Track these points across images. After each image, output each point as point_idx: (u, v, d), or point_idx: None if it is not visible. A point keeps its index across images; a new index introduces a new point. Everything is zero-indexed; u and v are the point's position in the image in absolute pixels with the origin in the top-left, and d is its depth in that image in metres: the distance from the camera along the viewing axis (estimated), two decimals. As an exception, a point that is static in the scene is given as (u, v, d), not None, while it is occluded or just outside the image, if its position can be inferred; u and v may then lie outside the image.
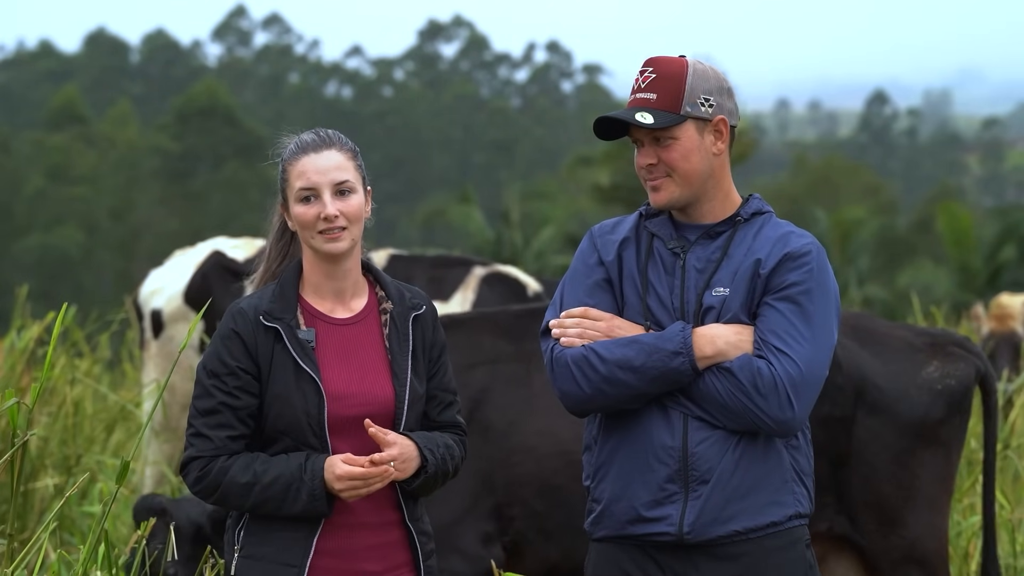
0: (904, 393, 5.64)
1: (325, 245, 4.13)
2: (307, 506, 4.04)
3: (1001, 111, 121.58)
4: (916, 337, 5.84)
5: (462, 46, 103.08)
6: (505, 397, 5.64)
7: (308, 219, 4.12)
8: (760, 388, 4.03)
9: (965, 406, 5.77)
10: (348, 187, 4.14)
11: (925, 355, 5.75)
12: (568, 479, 5.53)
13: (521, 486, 5.53)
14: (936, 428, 5.66)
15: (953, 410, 5.72)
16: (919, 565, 5.57)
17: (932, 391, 5.67)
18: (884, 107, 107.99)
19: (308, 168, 4.14)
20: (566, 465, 5.52)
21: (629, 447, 4.15)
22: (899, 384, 5.62)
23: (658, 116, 4.11)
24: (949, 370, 5.75)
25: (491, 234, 39.79)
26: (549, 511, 5.56)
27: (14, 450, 4.37)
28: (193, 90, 73.89)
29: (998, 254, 34.27)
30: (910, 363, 5.69)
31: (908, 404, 5.64)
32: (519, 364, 5.72)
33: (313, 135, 4.20)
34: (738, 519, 4.09)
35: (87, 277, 59.23)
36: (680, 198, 4.16)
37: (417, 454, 4.12)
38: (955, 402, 5.72)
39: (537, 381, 5.65)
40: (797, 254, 4.12)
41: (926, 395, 5.64)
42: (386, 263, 8.65)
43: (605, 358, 4.10)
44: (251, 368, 4.10)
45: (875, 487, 5.48)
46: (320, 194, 4.12)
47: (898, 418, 5.62)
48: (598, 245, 4.26)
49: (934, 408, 5.65)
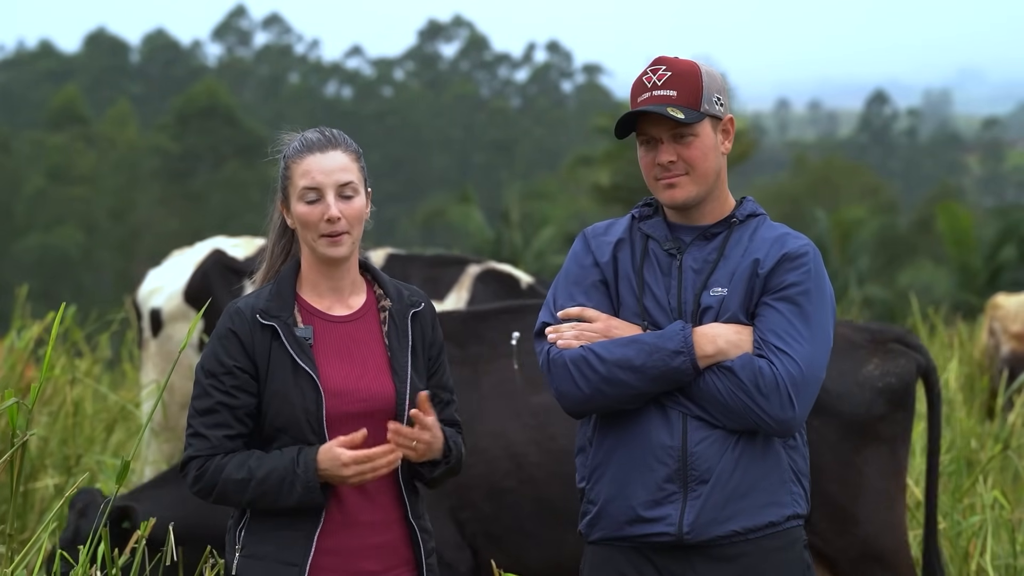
0: (845, 392, 5.64)
1: (326, 249, 4.13)
2: (302, 498, 4.04)
3: (1001, 111, 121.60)
4: (857, 334, 5.85)
5: (462, 46, 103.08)
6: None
7: (311, 219, 4.12)
8: (761, 387, 4.03)
9: (907, 402, 5.78)
10: (352, 189, 4.14)
11: (866, 352, 5.77)
12: (517, 482, 5.55)
13: (470, 489, 5.51)
14: (879, 425, 5.66)
15: (895, 406, 5.73)
16: (877, 561, 5.58)
17: (873, 388, 5.69)
18: (884, 107, 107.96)
19: (313, 167, 4.12)
20: (515, 468, 5.53)
21: (627, 447, 4.15)
22: (839, 383, 5.62)
23: (685, 112, 4.12)
24: (889, 367, 5.76)
25: (491, 234, 39.80)
26: (497, 514, 5.55)
27: (14, 450, 4.37)
28: (193, 90, 73.89)
29: (998, 254, 34.26)
30: (850, 361, 5.69)
31: (849, 402, 5.65)
32: (466, 368, 5.70)
33: (318, 134, 4.19)
34: (737, 519, 4.09)
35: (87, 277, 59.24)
36: (696, 196, 4.16)
37: (443, 442, 4.14)
38: (897, 399, 5.73)
39: (485, 384, 5.65)
40: (795, 255, 4.13)
41: (867, 393, 5.65)
42: (384, 262, 8.64)
43: (604, 358, 4.09)
44: (248, 367, 4.10)
45: (822, 487, 5.47)
46: (324, 195, 4.12)
47: (840, 417, 5.63)
48: (592, 247, 4.26)
49: (875, 405, 5.66)
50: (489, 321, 5.84)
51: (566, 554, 5.22)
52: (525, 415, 5.58)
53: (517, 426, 5.52)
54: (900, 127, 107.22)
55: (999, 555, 6.69)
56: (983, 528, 6.68)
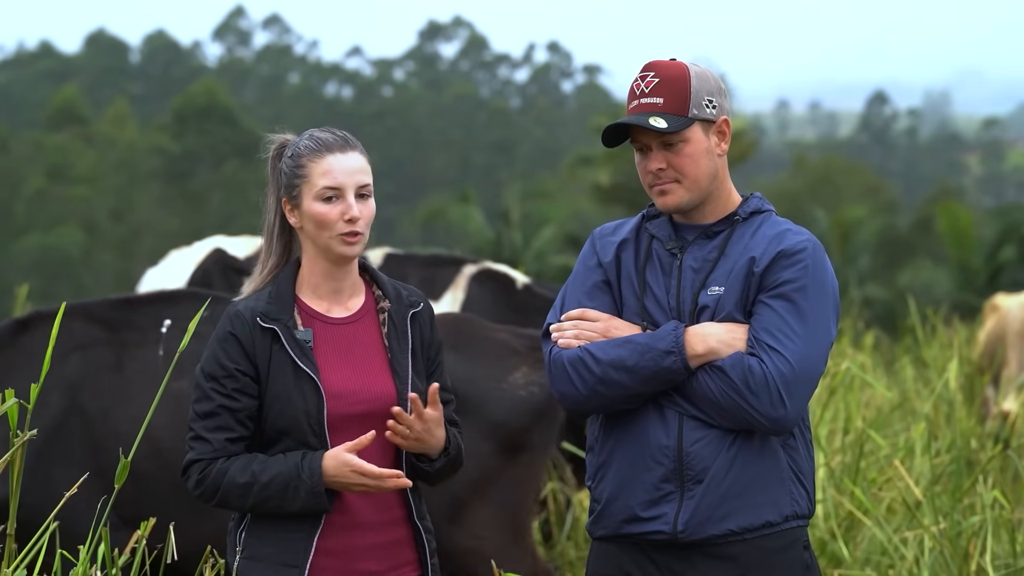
0: (488, 397, 5.70)
1: (342, 248, 4.12)
2: (307, 503, 4.04)
3: (1001, 111, 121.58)
4: (516, 340, 5.90)
5: (462, 46, 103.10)
6: (98, 384, 5.62)
7: (329, 219, 4.10)
8: (751, 386, 4.03)
9: (550, 414, 5.83)
10: (368, 191, 4.15)
11: (518, 359, 5.82)
12: (156, 467, 5.54)
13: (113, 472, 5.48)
14: (519, 433, 5.70)
15: (536, 418, 5.78)
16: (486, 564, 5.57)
17: (515, 398, 5.73)
18: (884, 107, 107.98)
19: (335, 167, 4.11)
20: (154, 452, 5.52)
21: (627, 447, 4.16)
22: (484, 388, 5.68)
23: (669, 120, 4.11)
24: (535, 377, 5.81)
25: (491, 234, 39.78)
26: (139, 497, 5.51)
27: (14, 450, 4.36)
28: (193, 90, 73.87)
29: (998, 254, 34.24)
30: (500, 368, 5.74)
31: (492, 408, 5.70)
32: (111, 351, 5.68)
33: (331, 134, 4.16)
34: (732, 518, 4.09)
35: (87, 277, 59.19)
36: (689, 202, 4.16)
37: (444, 434, 4.15)
38: (538, 410, 5.79)
39: (130, 368, 5.64)
40: (791, 251, 4.12)
41: (508, 400, 5.68)
42: (382, 262, 8.65)
43: (600, 359, 4.10)
44: (249, 370, 4.10)
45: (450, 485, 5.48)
46: (344, 195, 4.10)
47: (481, 422, 5.67)
48: (597, 247, 4.27)
49: (515, 416, 5.70)
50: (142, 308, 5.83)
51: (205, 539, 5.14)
52: (165, 400, 5.56)
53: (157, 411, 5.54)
54: (900, 127, 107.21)
55: (999, 555, 6.68)
56: (983, 528, 6.67)
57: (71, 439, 5.66)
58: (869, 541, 6.92)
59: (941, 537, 6.61)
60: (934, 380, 10.79)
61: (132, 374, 5.65)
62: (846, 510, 7.00)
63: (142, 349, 5.73)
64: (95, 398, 5.62)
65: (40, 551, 4.52)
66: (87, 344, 5.72)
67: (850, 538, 6.97)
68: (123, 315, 5.75)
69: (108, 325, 5.66)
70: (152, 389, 5.57)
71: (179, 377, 5.58)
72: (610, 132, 4.18)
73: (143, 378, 5.68)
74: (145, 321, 5.77)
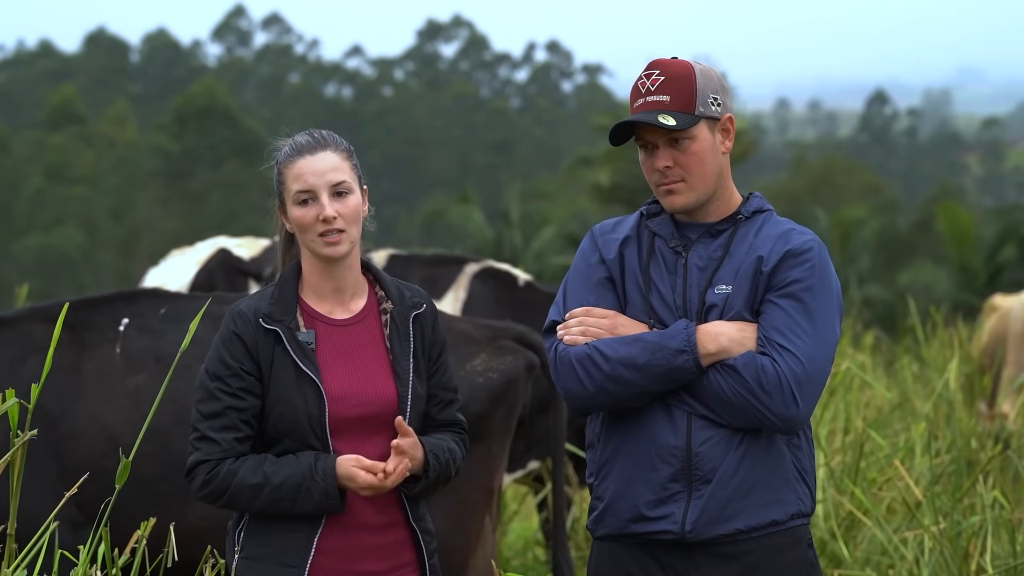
0: None
1: (324, 249, 4.13)
2: (320, 505, 4.05)
3: (1001, 111, 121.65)
4: (476, 330, 5.87)
5: (462, 46, 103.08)
6: (56, 384, 5.62)
7: (306, 221, 4.12)
8: (764, 385, 4.03)
9: (509, 400, 5.78)
10: (345, 188, 4.13)
11: (476, 348, 5.78)
12: (113, 463, 5.52)
13: (76, 471, 5.42)
14: (477, 421, 5.63)
15: (494, 404, 5.74)
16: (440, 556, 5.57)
17: (473, 384, 5.69)
18: (884, 107, 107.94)
19: (304, 170, 4.12)
20: (111, 449, 5.50)
21: (632, 445, 4.15)
22: None
23: (677, 117, 4.11)
24: (494, 364, 5.77)
25: (491, 234, 39.80)
26: (100, 495, 5.45)
27: (14, 450, 4.36)
28: (193, 90, 73.90)
29: (998, 254, 34.24)
30: (459, 356, 5.67)
31: None
32: (70, 351, 5.68)
33: (307, 136, 4.18)
34: (740, 517, 4.09)
35: (87, 277, 59.22)
36: (696, 201, 4.16)
37: (423, 458, 4.13)
38: (496, 396, 5.74)
39: (87, 367, 5.65)
40: (799, 251, 4.12)
41: (466, 388, 5.62)
42: (385, 263, 8.64)
43: (609, 356, 4.09)
44: (253, 369, 4.10)
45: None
46: (318, 196, 4.11)
47: None
48: (599, 244, 4.26)
49: (473, 401, 5.64)
50: (100, 308, 5.84)
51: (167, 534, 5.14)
52: (121, 397, 5.57)
53: (113, 408, 5.53)
54: (900, 127, 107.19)
55: (999, 555, 6.68)
56: (983, 528, 6.67)
57: (32, 440, 5.67)
58: (869, 541, 6.92)
59: (941, 537, 6.61)
60: (934, 380, 10.78)
61: (88, 373, 5.66)
62: (846, 510, 7.00)
63: (99, 348, 5.74)
64: (53, 398, 5.63)
65: (40, 551, 4.52)
66: (46, 347, 5.74)
67: (850, 538, 6.97)
68: (83, 316, 5.77)
69: (68, 326, 5.67)
70: (108, 387, 5.61)
71: (135, 372, 5.61)
72: (616, 130, 4.18)
73: (99, 376, 5.70)
74: (103, 320, 5.79)
